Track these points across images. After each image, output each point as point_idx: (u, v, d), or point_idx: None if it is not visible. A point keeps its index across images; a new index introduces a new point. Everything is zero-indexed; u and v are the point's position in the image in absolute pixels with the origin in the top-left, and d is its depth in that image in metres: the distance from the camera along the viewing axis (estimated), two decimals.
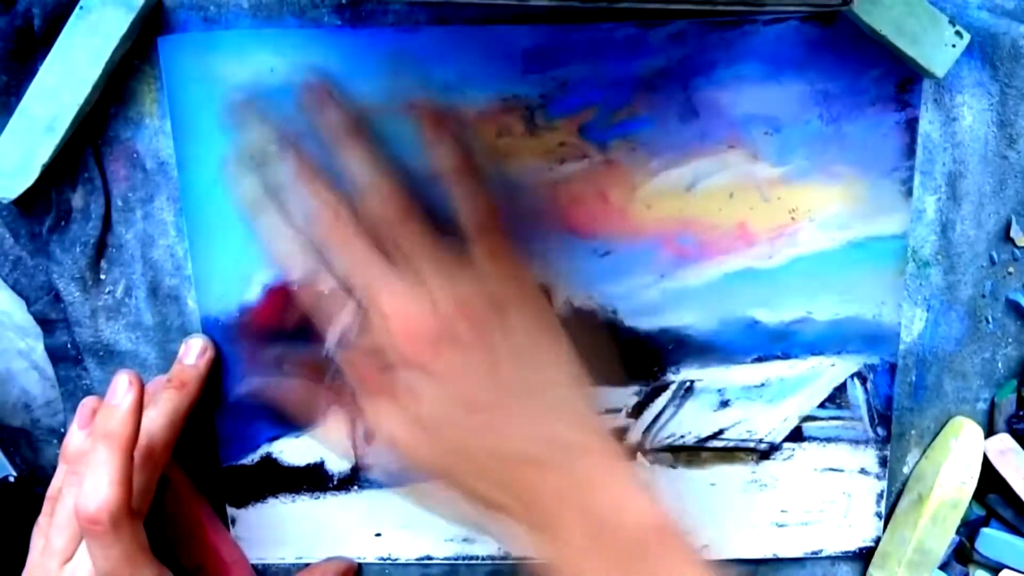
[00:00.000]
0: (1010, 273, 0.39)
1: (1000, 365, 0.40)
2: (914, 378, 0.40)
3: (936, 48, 0.34)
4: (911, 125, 0.37)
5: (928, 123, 0.37)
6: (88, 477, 0.32)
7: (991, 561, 0.41)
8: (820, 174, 0.38)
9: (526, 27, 0.36)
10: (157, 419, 0.35)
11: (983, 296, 0.39)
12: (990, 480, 0.40)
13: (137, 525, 0.33)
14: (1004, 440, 0.40)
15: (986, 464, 0.40)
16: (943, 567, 0.41)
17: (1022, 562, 0.40)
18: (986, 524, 0.42)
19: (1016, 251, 0.39)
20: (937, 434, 0.41)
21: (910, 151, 0.37)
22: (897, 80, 0.37)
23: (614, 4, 0.29)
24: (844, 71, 0.37)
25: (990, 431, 0.41)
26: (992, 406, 0.41)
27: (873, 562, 0.42)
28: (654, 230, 0.38)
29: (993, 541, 0.41)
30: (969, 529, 0.42)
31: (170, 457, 0.37)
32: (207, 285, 0.39)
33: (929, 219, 0.38)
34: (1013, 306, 0.40)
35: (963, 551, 0.42)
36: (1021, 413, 0.40)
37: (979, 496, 0.41)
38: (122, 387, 0.33)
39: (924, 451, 0.41)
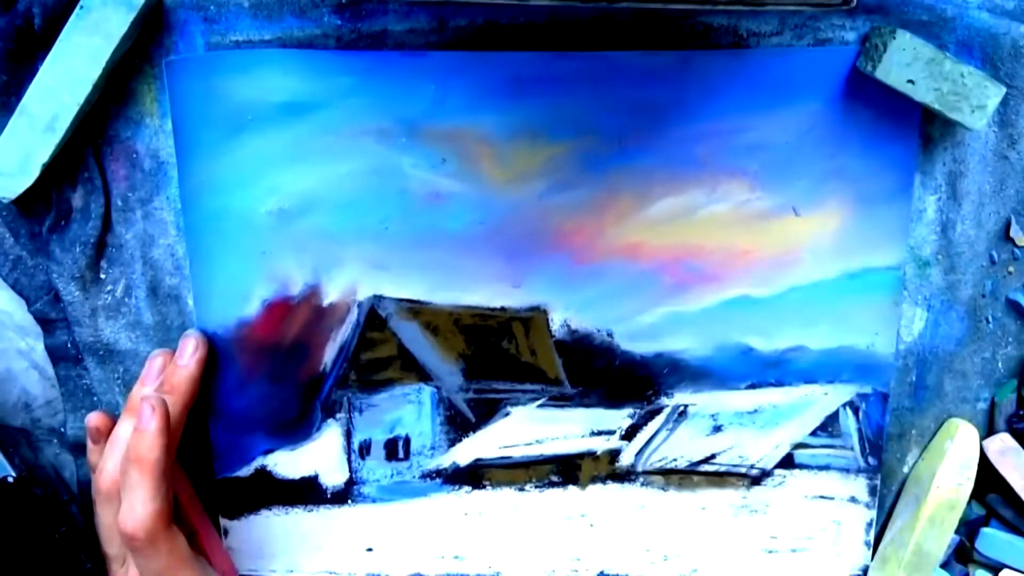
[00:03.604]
0: (1010, 273, 0.39)
1: (1000, 365, 0.40)
2: (914, 378, 0.40)
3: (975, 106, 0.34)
4: (909, 160, 0.37)
5: (928, 123, 0.37)
6: (125, 498, 0.34)
7: (991, 560, 0.41)
8: (818, 206, 0.38)
9: (527, 53, 0.35)
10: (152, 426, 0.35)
11: (983, 296, 0.39)
12: (990, 480, 0.40)
13: (173, 536, 0.35)
14: (1004, 440, 0.40)
15: (986, 464, 0.40)
16: (943, 566, 0.41)
17: (1022, 561, 0.40)
18: (986, 524, 0.41)
19: (1016, 251, 0.39)
20: (935, 434, 0.41)
21: (907, 185, 0.37)
22: (897, 115, 0.36)
23: (614, 4, 0.29)
24: (845, 103, 0.36)
25: (990, 431, 0.41)
26: (992, 406, 0.41)
27: (873, 564, 0.42)
28: (652, 256, 0.38)
29: (993, 541, 0.41)
30: (969, 529, 0.42)
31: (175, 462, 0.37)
32: (206, 300, 0.38)
33: (929, 219, 0.38)
34: (1013, 306, 0.40)
35: (963, 550, 0.42)
36: (1021, 413, 0.40)
37: (979, 496, 0.41)
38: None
39: (922, 452, 0.41)
